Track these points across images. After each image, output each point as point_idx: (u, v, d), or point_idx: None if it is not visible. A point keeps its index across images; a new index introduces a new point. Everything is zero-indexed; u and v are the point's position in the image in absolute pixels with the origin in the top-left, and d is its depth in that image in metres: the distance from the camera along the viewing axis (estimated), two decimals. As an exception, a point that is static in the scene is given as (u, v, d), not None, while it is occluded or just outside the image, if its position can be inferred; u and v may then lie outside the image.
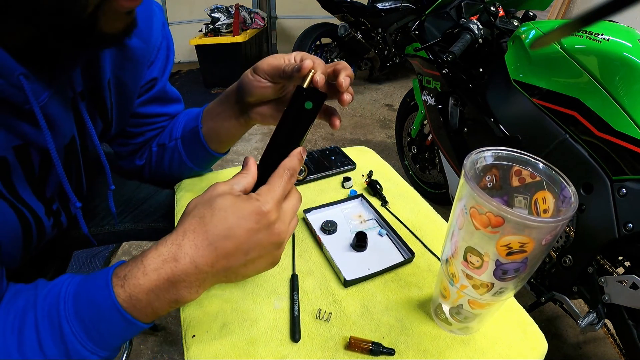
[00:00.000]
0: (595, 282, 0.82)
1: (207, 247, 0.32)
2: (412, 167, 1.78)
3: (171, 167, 0.64)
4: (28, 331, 0.32)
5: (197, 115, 0.58)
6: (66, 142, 0.45)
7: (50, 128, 0.39)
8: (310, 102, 0.38)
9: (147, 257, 0.32)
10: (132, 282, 0.32)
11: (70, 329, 0.32)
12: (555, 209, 0.34)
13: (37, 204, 0.43)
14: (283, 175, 0.35)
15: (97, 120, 0.51)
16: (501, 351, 0.41)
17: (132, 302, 0.32)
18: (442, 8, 1.26)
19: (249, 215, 0.32)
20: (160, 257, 0.32)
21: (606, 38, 0.78)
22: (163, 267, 0.31)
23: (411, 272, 0.51)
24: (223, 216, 0.32)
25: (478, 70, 1.11)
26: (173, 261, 0.31)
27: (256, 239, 0.33)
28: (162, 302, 0.32)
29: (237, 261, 0.33)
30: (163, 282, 0.32)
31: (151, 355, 1.10)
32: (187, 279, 0.32)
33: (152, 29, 0.52)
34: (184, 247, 0.32)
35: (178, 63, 3.95)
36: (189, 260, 0.31)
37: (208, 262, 0.32)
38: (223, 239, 0.32)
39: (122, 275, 0.32)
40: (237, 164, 2.05)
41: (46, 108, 0.38)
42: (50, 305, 0.33)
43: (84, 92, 0.46)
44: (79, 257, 1.36)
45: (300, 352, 0.40)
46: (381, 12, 2.64)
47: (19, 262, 0.46)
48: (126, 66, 0.50)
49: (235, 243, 0.32)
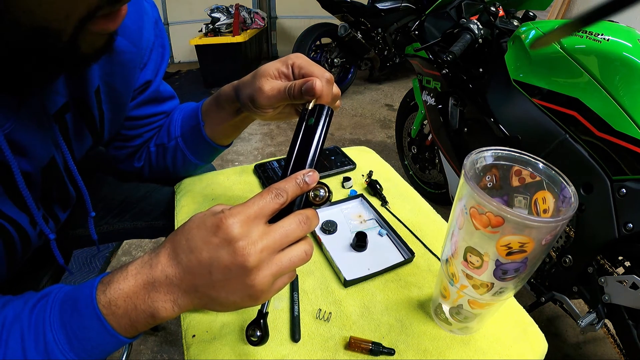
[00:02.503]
0: (595, 282, 0.82)
1: (174, 258, 0.31)
2: (412, 167, 1.78)
3: (175, 165, 0.63)
4: (13, 341, 0.31)
5: (196, 112, 0.57)
6: (43, 165, 0.43)
7: (21, 154, 0.37)
8: (312, 118, 0.37)
9: (132, 263, 0.32)
10: (114, 286, 0.31)
11: (53, 337, 0.31)
12: (555, 209, 0.34)
13: (19, 214, 0.42)
14: (265, 195, 0.31)
15: (84, 133, 0.49)
16: (501, 351, 0.41)
17: (112, 308, 0.31)
18: (442, 8, 1.25)
19: (209, 227, 0.30)
20: (140, 263, 0.32)
21: (606, 38, 0.78)
22: (141, 271, 0.31)
23: (411, 272, 0.51)
24: (188, 228, 0.31)
25: (478, 70, 1.11)
26: (148, 267, 0.31)
27: (217, 256, 0.29)
28: (139, 313, 0.31)
29: (203, 280, 0.30)
30: (140, 287, 0.31)
31: (151, 355, 1.10)
32: (160, 288, 0.31)
33: (142, 30, 0.50)
34: (159, 256, 0.32)
35: (178, 63, 3.95)
36: (160, 269, 0.31)
37: (176, 274, 0.31)
38: (185, 252, 0.31)
39: (106, 282, 0.32)
40: (237, 164, 2.05)
41: (14, 135, 0.36)
42: (37, 315, 0.32)
43: (68, 103, 0.44)
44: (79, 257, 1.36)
45: (300, 352, 0.40)
46: (381, 12, 2.64)
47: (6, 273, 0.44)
48: (116, 71, 0.48)
49: (196, 257, 0.30)
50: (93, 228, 0.56)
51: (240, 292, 0.30)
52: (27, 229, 0.44)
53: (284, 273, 0.31)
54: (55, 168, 0.46)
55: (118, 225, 0.71)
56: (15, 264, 0.45)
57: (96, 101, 0.48)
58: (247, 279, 0.30)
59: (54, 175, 0.46)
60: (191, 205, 0.62)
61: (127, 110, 0.56)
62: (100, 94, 0.48)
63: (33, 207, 0.42)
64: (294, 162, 0.36)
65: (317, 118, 0.36)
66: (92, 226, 0.56)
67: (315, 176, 0.34)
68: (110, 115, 0.52)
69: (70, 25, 0.29)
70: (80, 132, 0.49)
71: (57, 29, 0.28)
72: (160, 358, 1.10)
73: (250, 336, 0.35)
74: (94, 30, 0.30)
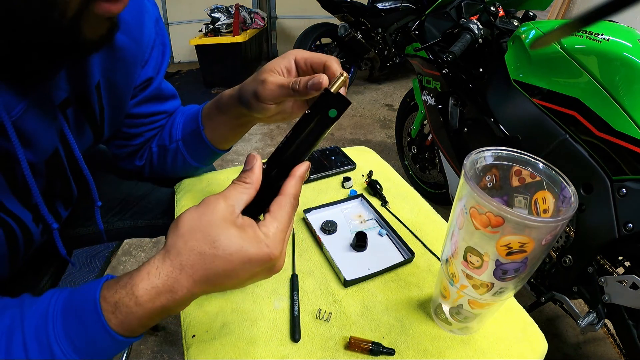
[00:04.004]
0: (595, 282, 0.82)
1: (205, 281, 0.31)
2: (412, 167, 1.78)
3: (174, 166, 0.63)
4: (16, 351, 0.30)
5: (196, 116, 0.57)
6: (46, 156, 0.43)
7: (26, 143, 0.37)
8: (335, 110, 0.35)
9: (138, 287, 0.30)
10: (124, 310, 0.30)
11: (61, 351, 0.30)
12: (555, 209, 0.34)
13: (23, 211, 0.42)
14: (287, 206, 0.33)
15: (85, 128, 0.49)
16: (501, 351, 0.41)
17: (124, 326, 0.31)
18: (442, 8, 1.25)
19: (257, 262, 0.31)
20: (154, 290, 0.30)
21: (606, 38, 0.78)
22: (158, 298, 0.30)
23: (411, 272, 0.50)
24: (228, 260, 0.30)
25: (478, 70, 1.11)
26: (169, 292, 0.30)
27: (257, 274, 0.32)
28: (154, 321, 0.32)
29: (233, 286, 0.33)
30: (157, 310, 0.31)
31: (151, 355, 1.10)
32: (184, 304, 0.32)
33: (143, 27, 0.50)
34: (181, 281, 0.30)
35: (178, 63, 3.95)
36: (186, 291, 0.31)
37: (204, 290, 0.32)
38: (224, 278, 0.31)
39: (112, 302, 0.30)
40: (237, 164, 2.05)
41: (21, 122, 0.36)
42: (38, 325, 0.31)
43: (69, 98, 0.44)
44: (79, 257, 1.36)
45: (300, 352, 0.40)
46: (381, 12, 2.64)
47: (8, 271, 0.44)
48: (117, 67, 0.48)
49: (235, 280, 0.32)
50: (100, 217, 0.56)
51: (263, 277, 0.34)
52: (30, 226, 0.44)
53: None
54: (59, 160, 0.46)
55: (118, 224, 0.71)
56: (17, 262, 0.45)
57: (97, 97, 0.48)
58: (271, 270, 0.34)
59: (57, 167, 0.47)
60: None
61: (128, 107, 0.56)
62: (101, 89, 0.49)
63: (38, 196, 0.41)
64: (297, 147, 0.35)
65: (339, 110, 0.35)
66: (98, 217, 0.56)
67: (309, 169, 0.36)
68: (111, 111, 0.52)
69: (75, 2, 0.29)
70: (81, 128, 0.49)
71: (62, 5, 0.29)
72: (160, 358, 1.10)
73: None
74: (97, 11, 0.31)
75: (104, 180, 0.72)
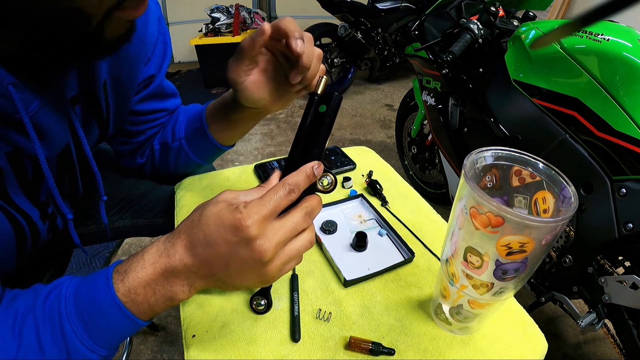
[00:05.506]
0: (595, 282, 0.82)
1: (191, 249, 0.33)
2: (412, 167, 1.78)
3: (177, 164, 0.64)
4: (27, 333, 0.32)
5: (200, 115, 0.58)
6: (59, 150, 0.44)
7: (41, 138, 0.38)
8: (324, 106, 0.37)
9: (147, 252, 0.34)
10: (132, 275, 0.33)
11: (72, 328, 0.33)
12: (555, 209, 0.34)
13: (31, 208, 0.43)
14: (279, 190, 0.33)
15: (92, 124, 0.51)
16: (501, 351, 0.41)
17: (131, 296, 0.33)
18: (442, 8, 1.25)
19: (228, 227, 0.32)
20: (157, 252, 0.34)
21: (606, 38, 0.78)
22: (159, 260, 0.33)
23: (411, 272, 0.51)
24: (205, 223, 0.33)
25: (478, 70, 1.11)
26: (166, 256, 0.33)
27: (235, 252, 0.32)
28: (158, 298, 0.34)
29: (220, 269, 0.33)
30: (158, 275, 0.33)
31: (151, 355, 1.10)
32: (178, 275, 0.33)
33: (147, 25, 0.51)
34: (176, 246, 0.33)
35: (178, 63, 3.95)
36: (178, 258, 0.33)
37: (194, 264, 0.33)
38: (203, 246, 0.33)
39: (122, 271, 0.34)
40: (238, 164, 2.05)
41: (37, 117, 0.37)
42: (51, 306, 0.33)
43: (78, 95, 0.45)
44: (79, 257, 1.36)
45: (300, 352, 0.40)
46: (381, 12, 2.64)
47: (14, 268, 0.45)
48: (122, 65, 0.49)
49: (215, 251, 0.32)
50: (104, 212, 0.57)
51: (254, 279, 0.34)
52: (37, 223, 0.45)
53: (292, 260, 0.35)
54: (69, 156, 0.47)
55: (118, 223, 0.71)
56: (23, 257, 0.46)
57: (104, 94, 0.49)
58: (262, 270, 0.33)
59: (68, 162, 0.48)
60: (191, 205, 0.62)
61: (131, 104, 0.57)
62: (107, 87, 0.50)
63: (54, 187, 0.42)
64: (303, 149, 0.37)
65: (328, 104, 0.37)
66: (103, 211, 0.57)
67: (322, 168, 0.36)
68: (116, 108, 0.53)
69: (102, 10, 0.30)
70: (88, 124, 0.50)
71: (89, 13, 0.30)
72: (160, 358, 1.10)
73: (256, 306, 0.40)
74: (120, 16, 0.32)
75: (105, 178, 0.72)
